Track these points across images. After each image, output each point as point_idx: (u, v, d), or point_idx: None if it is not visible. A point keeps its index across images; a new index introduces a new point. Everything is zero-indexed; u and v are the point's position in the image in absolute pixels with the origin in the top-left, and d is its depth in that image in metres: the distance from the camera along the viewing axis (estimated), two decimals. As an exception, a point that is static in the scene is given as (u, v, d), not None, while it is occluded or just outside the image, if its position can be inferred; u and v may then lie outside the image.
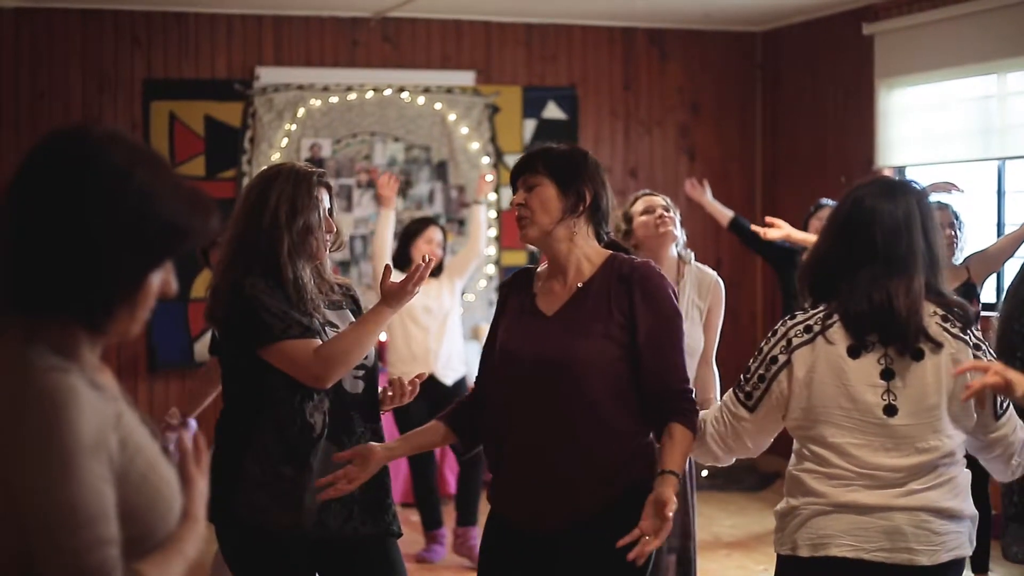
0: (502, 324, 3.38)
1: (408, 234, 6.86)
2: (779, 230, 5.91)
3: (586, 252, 3.30)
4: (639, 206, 5.13)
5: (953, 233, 5.73)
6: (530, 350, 3.25)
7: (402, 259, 6.77)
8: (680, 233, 5.15)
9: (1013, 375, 2.93)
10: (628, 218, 5.15)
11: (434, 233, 6.81)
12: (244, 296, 3.41)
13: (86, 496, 1.72)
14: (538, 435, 3.23)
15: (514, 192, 3.35)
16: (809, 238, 5.82)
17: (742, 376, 3.22)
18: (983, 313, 5.97)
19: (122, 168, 1.81)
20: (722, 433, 3.26)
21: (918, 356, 3.08)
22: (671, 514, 3.02)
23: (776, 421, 3.22)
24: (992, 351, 3.19)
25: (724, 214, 7.35)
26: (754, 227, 6.18)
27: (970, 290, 5.75)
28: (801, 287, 3.27)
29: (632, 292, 3.22)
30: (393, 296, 3.42)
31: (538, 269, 3.42)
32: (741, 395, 3.21)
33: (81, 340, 1.83)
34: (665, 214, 5.07)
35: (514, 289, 3.42)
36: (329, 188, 3.54)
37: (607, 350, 3.20)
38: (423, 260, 3.43)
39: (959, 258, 5.80)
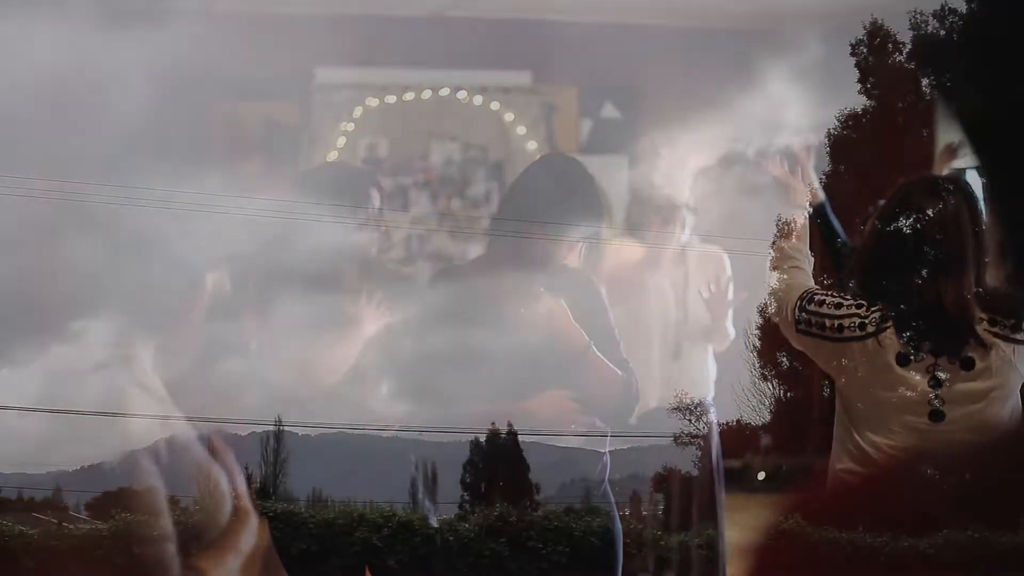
0: None
1: None
2: None
3: None
4: None
5: None
6: None
7: None
8: None
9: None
10: None
11: None
12: None
13: (140, 493, 1.73)
14: None
15: None
16: None
17: (805, 297, 3.20)
18: None
19: None
20: (774, 293, 3.30)
21: (968, 366, 3.06)
22: None
23: (809, 350, 3.22)
24: None
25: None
26: None
27: None
28: (846, 285, 3.26)
29: None
30: None
31: None
32: (798, 311, 3.20)
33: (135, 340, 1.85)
34: None
35: None
36: (380, 188, 3.56)
37: None
38: None
39: None
